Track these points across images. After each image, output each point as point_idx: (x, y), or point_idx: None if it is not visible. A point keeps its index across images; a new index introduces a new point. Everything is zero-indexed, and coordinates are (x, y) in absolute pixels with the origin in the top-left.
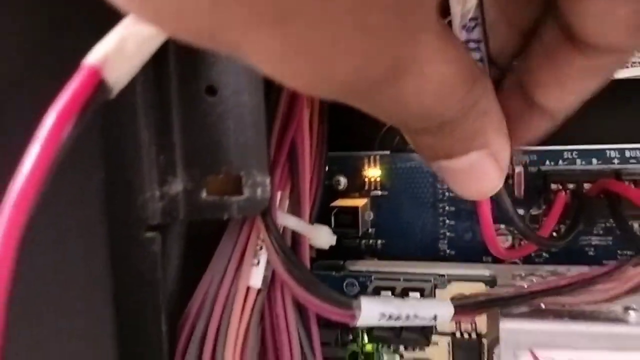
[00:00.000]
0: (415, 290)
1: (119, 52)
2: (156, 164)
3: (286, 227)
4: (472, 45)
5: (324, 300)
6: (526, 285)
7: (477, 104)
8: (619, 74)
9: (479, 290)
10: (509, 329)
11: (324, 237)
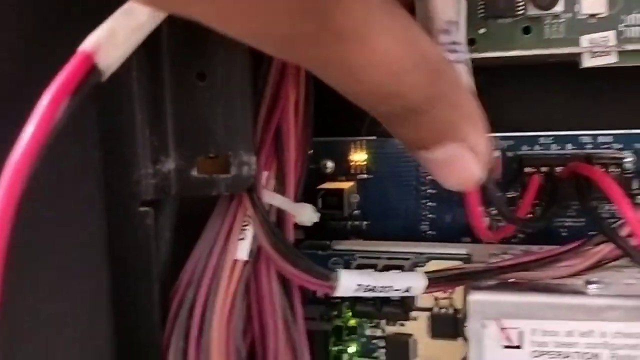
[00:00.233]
0: (395, 268)
1: (111, 39)
2: (150, 144)
3: (272, 204)
4: (451, 47)
5: (305, 272)
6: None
7: (444, 97)
8: (589, 62)
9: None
10: (476, 301)
11: (307, 214)
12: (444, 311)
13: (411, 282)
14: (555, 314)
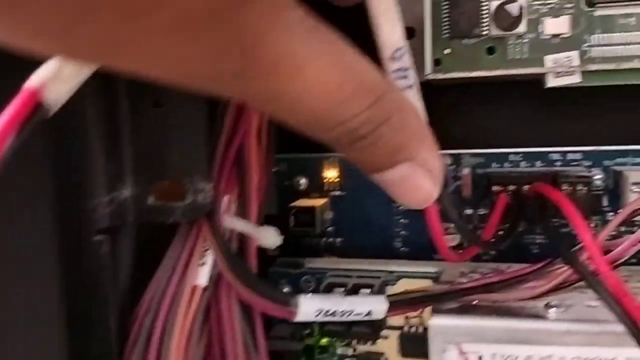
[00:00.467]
0: (365, 286)
1: (58, 74)
2: (106, 172)
3: (233, 229)
4: (399, 73)
5: (264, 297)
6: (465, 281)
7: (389, 119)
8: (553, 82)
9: (427, 286)
10: (437, 325)
11: (271, 238)
12: (413, 330)
13: (372, 306)
14: (514, 338)
